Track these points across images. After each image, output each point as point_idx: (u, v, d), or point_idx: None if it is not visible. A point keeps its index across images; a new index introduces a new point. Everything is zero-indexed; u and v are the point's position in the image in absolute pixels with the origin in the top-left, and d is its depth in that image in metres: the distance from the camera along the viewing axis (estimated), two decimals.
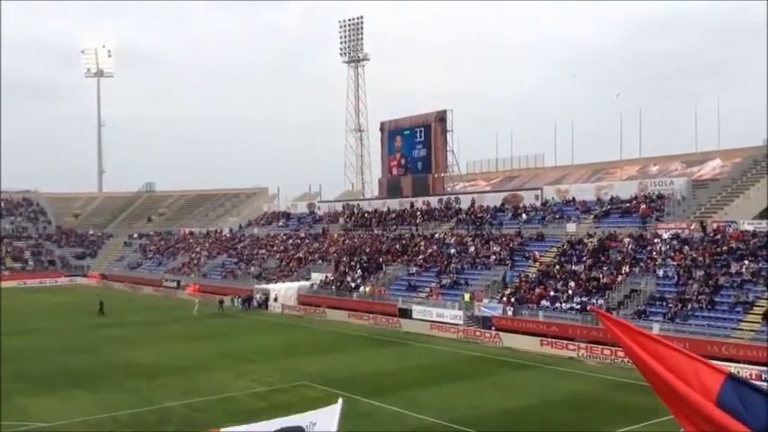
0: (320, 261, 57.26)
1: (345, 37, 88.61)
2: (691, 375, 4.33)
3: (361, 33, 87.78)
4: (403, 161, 63.29)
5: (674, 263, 36.54)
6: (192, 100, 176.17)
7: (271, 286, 53.60)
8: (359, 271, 51.29)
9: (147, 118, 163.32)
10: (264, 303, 52.01)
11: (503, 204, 53.83)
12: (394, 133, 64.07)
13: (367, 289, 47.94)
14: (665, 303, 34.04)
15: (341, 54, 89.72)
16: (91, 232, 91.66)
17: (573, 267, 40.13)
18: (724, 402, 4.06)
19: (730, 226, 37.93)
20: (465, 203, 56.65)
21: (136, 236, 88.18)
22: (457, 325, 39.40)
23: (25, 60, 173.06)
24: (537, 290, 39.11)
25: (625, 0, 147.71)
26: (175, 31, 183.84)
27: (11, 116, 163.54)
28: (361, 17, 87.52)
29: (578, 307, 36.34)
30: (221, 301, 52.09)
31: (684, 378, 4.31)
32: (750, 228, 37.20)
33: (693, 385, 4.25)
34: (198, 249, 73.38)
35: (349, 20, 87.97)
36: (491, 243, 47.52)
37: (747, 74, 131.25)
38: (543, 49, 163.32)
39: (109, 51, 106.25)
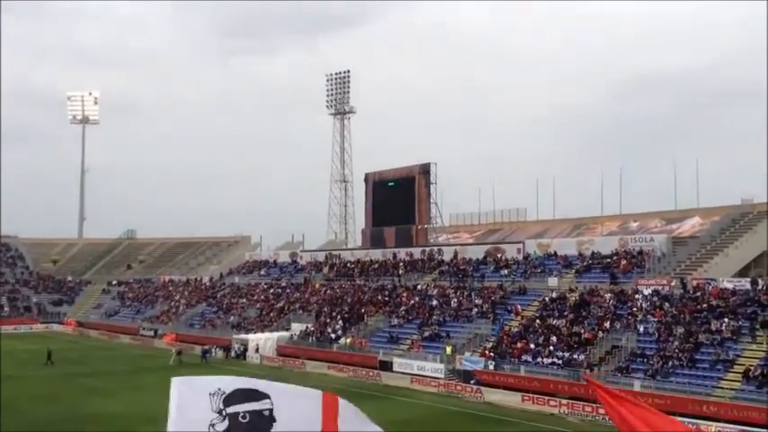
0: (301, 311, 56.77)
1: (332, 90, 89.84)
2: None
3: (348, 87, 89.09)
4: (386, 212, 63.52)
5: (655, 319, 36.63)
6: (176, 148, 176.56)
7: (250, 336, 52.91)
8: (340, 322, 50.86)
9: (130, 165, 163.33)
10: (243, 354, 51.24)
11: (485, 257, 53.97)
12: (378, 184, 64.49)
13: (348, 340, 47.47)
14: (646, 360, 33.98)
15: (327, 106, 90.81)
16: (69, 278, 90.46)
17: (554, 322, 40.09)
18: None
19: (710, 283, 38.21)
20: (448, 255, 56.74)
21: (114, 283, 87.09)
22: (438, 378, 38.99)
23: (6, 104, 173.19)
24: (519, 344, 38.95)
25: (606, 59, 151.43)
26: (157, 80, 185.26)
27: None
28: (348, 71, 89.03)
29: (560, 362, 36.18)
30: (179, 352, 48.55)
31: None
32: (730, 285, 37.49)
33: None
34: (177, 298, 72.53)
35: (336, 74, 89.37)
36: (473, 296, 47.46)
37: (725, 135, 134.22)
38: (527, 106, 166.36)
39: (95, 99, 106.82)
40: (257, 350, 50.62)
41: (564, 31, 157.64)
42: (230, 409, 4.17)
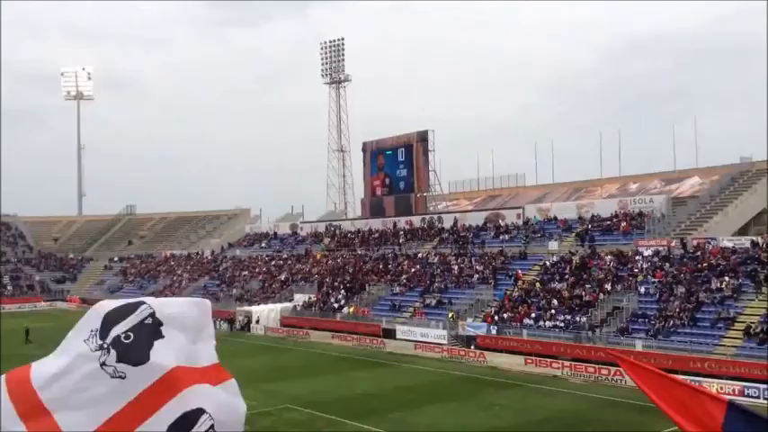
0: (303, 282, 57.00)
1: (327, 58, 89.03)
2: (697, 409, 4.38)
3: (343, 55, 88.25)
4: (385, 181, 63.46)
5: (656, 280, 36.80)
6: (173, 123, 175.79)
7: (253, 308, 53.19)
8: (342, 291, 51.11)
9: (128, 141, 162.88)
10: (246, 326, 51.57)
11: (485, 223, 54.03)
12: (376, 153, 64.30)
13: (350, 310, 47.75)
14: (647, 320, 34.22)
15: (322, 75, 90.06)
16: (71, 256, 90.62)
17: (555, 285, 40.29)
18: (728, 429, 4.11)
19: (710, 243, 38.32)
20: (447, 223, 56.79)
21: (116, 259, 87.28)
22: (441, 344, 39.30)
23: (3, 84, 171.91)
24: (520, 308, 39.19)
25: (604, 20, 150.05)
26: (155, 55, 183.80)
27: None
28: (342, 39, 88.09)
29: (562, 325, 36.44)
30: None
31: (693, 415, 4.36)
32: (730, 244, 37.62)
33: (701, 419, 4.30)
34: (179, 272, 72.76)
35: (330, 41, 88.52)
36: (474, 262, 47.61)
37: (722, 95, 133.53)
38: (524, 71, 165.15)
39: (89, 74, 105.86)
40: (257, 321, 50.93)
41: None
42: (109, 339, 3.31)
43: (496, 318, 39.31)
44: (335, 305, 49.55)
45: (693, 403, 4.29)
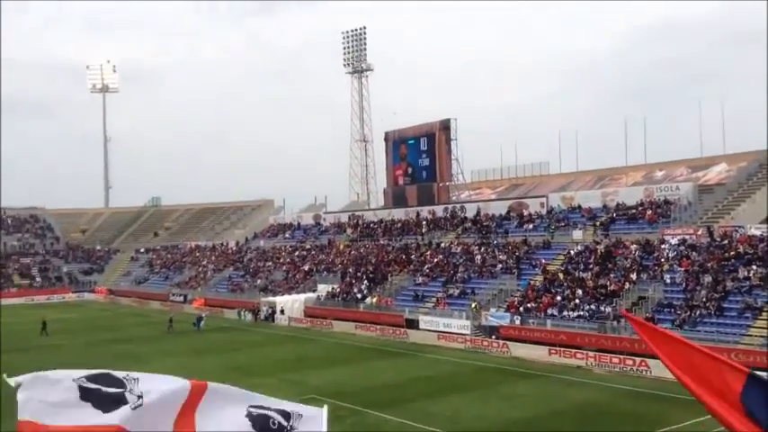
0: (326, 272, 57.19)
1: (348, 48, 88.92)
2: (715, 377, 4.29)
3: (364, 44, 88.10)
4: (408, 171, 63.33)
5: (682, 269, 36.32)
6: (196, 115, 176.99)
7: (277, 299, 53.52)
8: (365, 282, 51.19)
9: (153, 133, 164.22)
10: (271, 316, 51.91)
11: (508, 212, 53.71)
12: (398, 143, 64.17)
13: (374, 300, 47.82)
14: (673, 310, 33.81)
15: (344, 65, 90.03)
16: (98, 248, 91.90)
17: (580, 275, 39.95)
18: (746, 400, 4.03)
19: (737, 231, 37.70)
20: (470, 212, 56.56)
21: (142, 250, 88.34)
22: (464, 335, 39.21)
23: (29, 77, 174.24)
24: (544, 298, 38.94)
25: (626, 5, 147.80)
26: (175, 46, 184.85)
27: (16, 133, 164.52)
28: (364, 28, 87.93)
29: (586, 315, 36.14)
30: (171, 320, 48.03)
31: (709, 383, 4.28)
32: (757, 232, 36.97)
33: (718, 388, 4.22)
34: (204, 263, 73.44)
35: (351, 31, 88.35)
36: (497, 251, 47.38)
37: (750, 78, 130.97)
38: (547, 58, 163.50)
39: (114, 67, 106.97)
40: (282, 312, 51.23)
41: None
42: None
43: (520, 308, 39.11)
44: (358, 295, 49.66)
45: (712, 372, 4.19)
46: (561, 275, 40.63)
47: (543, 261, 43.56)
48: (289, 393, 27.71)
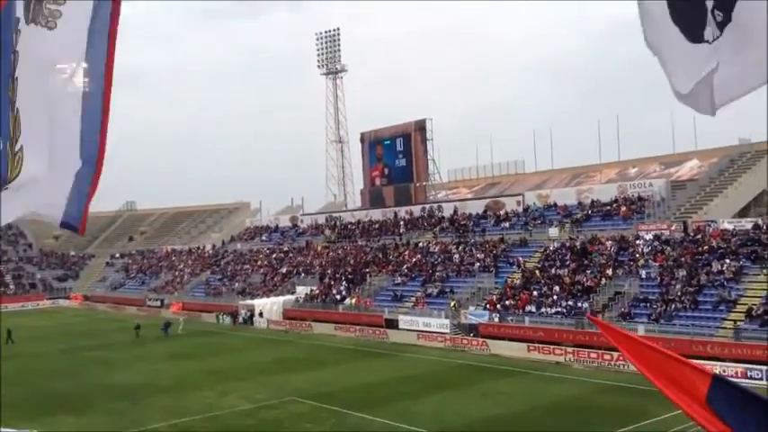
0: (305, 274, 57.05)
1: (322, 49, 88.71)
2: (681, 380, 4.39)
3: (338, 45, 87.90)
4: (384, 171, 63.41)
5: (657, 264, 36.81)
6: (169, 117, 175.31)
7: (256, 302, 53.26)
8: (344, 283, 51.14)
9: (127, 136, 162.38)
10: (250, 319, 51.65)
11: (485, 211, 54.01)
12: (374, 144, 64.23)
13: (353, 301, 47.80)
14: (649, 304, 34.25)
15: (318, 66, 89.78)
16: (72, 253, 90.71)
17: (557, 271, 40.30)
18: (712, 402, 4.12)
19: (710, 225, 38.29)
20: (447, 211, 56.77)
21: (118, 255, 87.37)
22: (444, 334, 39.36)
23: None
24: (522, 295, 39.22)
25: (598, 3, 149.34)
26: (151, 49, 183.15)
27: None
28: (338, 29, 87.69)
29: (564, 311, 36.48)
30: (138, 327, 46.92)
31: (676, 384, 4.37)
32: (730, 226, 37.59)
33: (685, 389, 4.31)
34: (181, 267, 72.84)
35: (325, 32, 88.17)
36: (475, 250, 47.63)
37: None
38: (519, 56, 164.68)
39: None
40: (261, 315, 51.01)
41: None
42: None
43: (498, 305, 39.36)
44: (337, 297, 49.61)
45: (677, 374, 4.31)
46: (538, 272, 40.97)
47: (520, 259, 43.89)
48: (269, 396, 27.68)
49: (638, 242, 39.66)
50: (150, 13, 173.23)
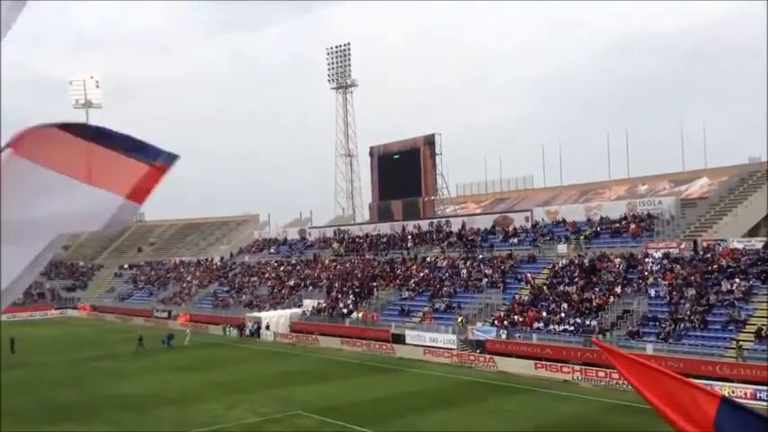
0: (312, 287, 57.03)
1: (333, 64, 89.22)
2: (688, 403, 4.32)
3: (349, 60, 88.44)
4: (393, 185, 63.46)
5: (666, 282, 36.60)
6: (177, 129, 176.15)
7: (263, 314, 53.24)
8: (351, 296, 51.08)
9: None
10: (256, 332, 51.61)
11: (493, 226, 53.92)
12: (383, 158, 64.34)
13: (359, 315, 47.71)
14: (657, 323, 34.03)
15: (329, 80, 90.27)
16: (81, 264, 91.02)
17: (565, 288, 40.13)
18: (720, 425, 4.06)
19: (720, 244, 38.08)
20: (456, 226, 56.72)
21: (126, 266, 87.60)
22: (450, 349, 39.19)
23: (12, 94, 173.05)
24: (530, 312, 39.05)
25: (609, 20, 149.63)
26: (160, 62, 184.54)
27: None
28: (348, 44, 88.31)
29: (572, 328, 36.28)
30: (141, 338, 46.01)
31: (683, 408, 4.30)
32: (740, 246, 37.37)
33: (692, 414, 4.25)
34: (189, 279, 72.95)
35: (336, 47, 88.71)
36: (483, 266, 47.51)
37: (730, 93, 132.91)
38: (529, 74, 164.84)
39: (97, 82, 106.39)
40: (267, 327, 50.95)
41: None
42: None
43: (506, 322, 39.20)
44: (344, 310, 49.54)
45: (684, 398, 4.22)
46: (546, 289, 40.80)
47: (529, 275, 43.74)
48: (275, 409, 27.60)
49: (647, 260, 39.46)
50: (154, 24, 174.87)
